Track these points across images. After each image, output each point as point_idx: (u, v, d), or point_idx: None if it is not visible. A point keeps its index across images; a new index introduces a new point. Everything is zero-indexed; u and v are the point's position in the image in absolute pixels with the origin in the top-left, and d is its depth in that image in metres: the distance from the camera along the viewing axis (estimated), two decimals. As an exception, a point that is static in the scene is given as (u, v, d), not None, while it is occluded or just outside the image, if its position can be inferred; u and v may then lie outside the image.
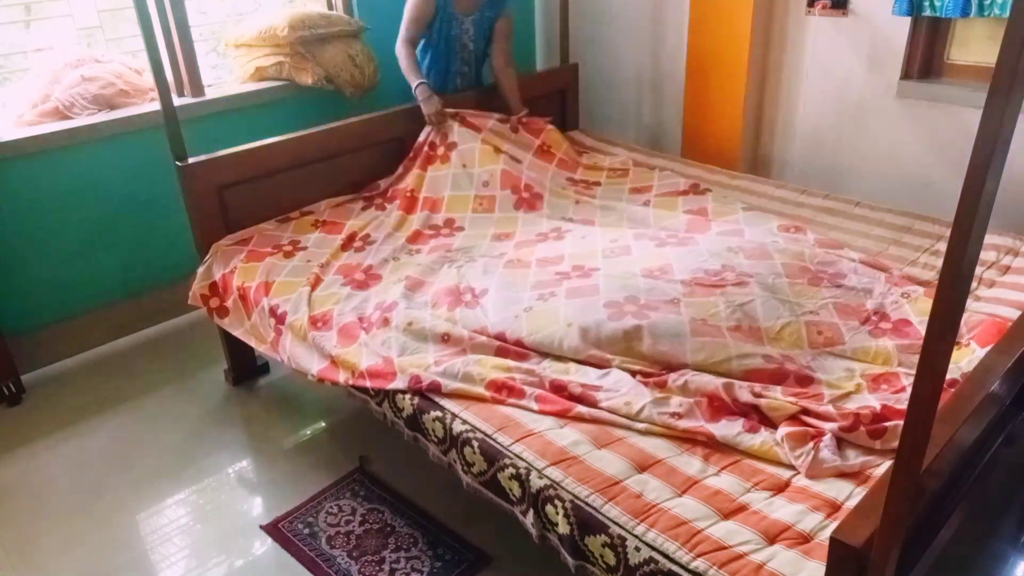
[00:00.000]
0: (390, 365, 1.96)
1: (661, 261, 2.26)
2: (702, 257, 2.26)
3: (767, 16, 3.28)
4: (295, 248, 2.55)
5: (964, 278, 0.88)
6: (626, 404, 1.74)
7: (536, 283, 2.22)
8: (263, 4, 3.54)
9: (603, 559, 1.48)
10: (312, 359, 2.12)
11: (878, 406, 1.67)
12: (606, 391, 1.79)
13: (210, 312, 2.52)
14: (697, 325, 1.95)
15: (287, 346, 2.20)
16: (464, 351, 1.98)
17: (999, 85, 0.78)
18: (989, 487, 1.69)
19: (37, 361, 2.93)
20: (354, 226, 2.70)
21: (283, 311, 2.25)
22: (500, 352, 1.97)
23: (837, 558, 1.12)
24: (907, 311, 2.05)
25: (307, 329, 2.16)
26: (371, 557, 2.03)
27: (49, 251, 2.87)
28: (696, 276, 2.15)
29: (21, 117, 2.84)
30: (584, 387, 1.80)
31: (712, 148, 3.45)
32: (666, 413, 1.70)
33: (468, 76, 3.29)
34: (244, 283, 2.40)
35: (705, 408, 1.72)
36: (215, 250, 2.55)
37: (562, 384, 1.82)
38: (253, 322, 2.37)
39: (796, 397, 1.73)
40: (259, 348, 2.37)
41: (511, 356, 1.96)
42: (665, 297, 2.06)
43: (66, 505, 2.29)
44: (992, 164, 0.81)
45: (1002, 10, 2.63)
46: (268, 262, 2.46)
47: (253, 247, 2.55)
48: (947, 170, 2.99)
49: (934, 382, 0.94)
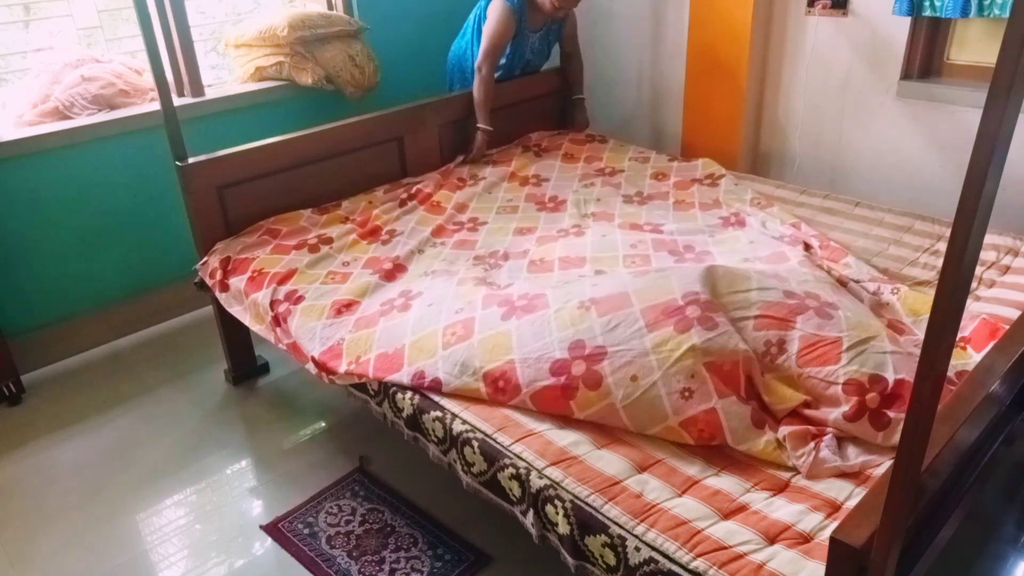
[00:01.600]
0: (399, 355, 1.95)
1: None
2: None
3: (767, 16, 3.28)
4: (320, 241, 2.56)
5: (964, 278, 0.88)
6: (632, 379, 1.68)
7: (558, 282, 2.17)
8: (263, 4, 3.54)
9: (603, 559, 1.48)
10: (315, 342, 2.10)
11: (891, 379, 1.62)
12: (610, 357, 1.73)
13: (211, 283, 2.49)
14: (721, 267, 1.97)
15: (292, 327, 2.18)
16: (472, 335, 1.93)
17: (999, 85, 0.78)
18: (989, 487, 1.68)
19: (37, 361, 2.93)
20: (379, 219, 2.72)
21: (300, 295, 2.26)
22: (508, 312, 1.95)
23: (837, 558, 1.12)
24: (898, 309, 2.07)
25: (329, 313, 2.16)
26: (371, 557, 2.03)
27: (49, 251, 2.87)
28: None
29: (21, 117, 2.84)
30: (587, 362, 1.73)
31: (712, 148, 3.45)
32: (676, 392, 1.65)
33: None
34: (263, 268, 2.39)
35: (718, 378, 1.66)
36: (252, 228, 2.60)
37: (565, 365, 1.74)
38: (253, 300, 2.33)
39: (814, 348, 1.69)
40: (254, 327, 2.35)
41: (523, 309, 1.94)
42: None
43: (66, 505, 2.29)
44: (992, 164, 0.81)
45: (1002, 10, 2.63)
46: (293, 255, 2.46)
47: (280, 240, 2.55)
48: (947, 170, 2.99)
49: (934, 382, 0.94)
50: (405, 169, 3.10)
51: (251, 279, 2.38)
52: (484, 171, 3.13)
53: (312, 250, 2.50)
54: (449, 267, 2.42)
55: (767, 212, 2.70)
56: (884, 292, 2.15)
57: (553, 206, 2.88)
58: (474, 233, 2.69)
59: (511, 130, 3.43)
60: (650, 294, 1.85)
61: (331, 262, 2.46)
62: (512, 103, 3.42)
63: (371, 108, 3.14)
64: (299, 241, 2.54)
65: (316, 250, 2.51)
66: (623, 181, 3.07)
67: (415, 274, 2.39)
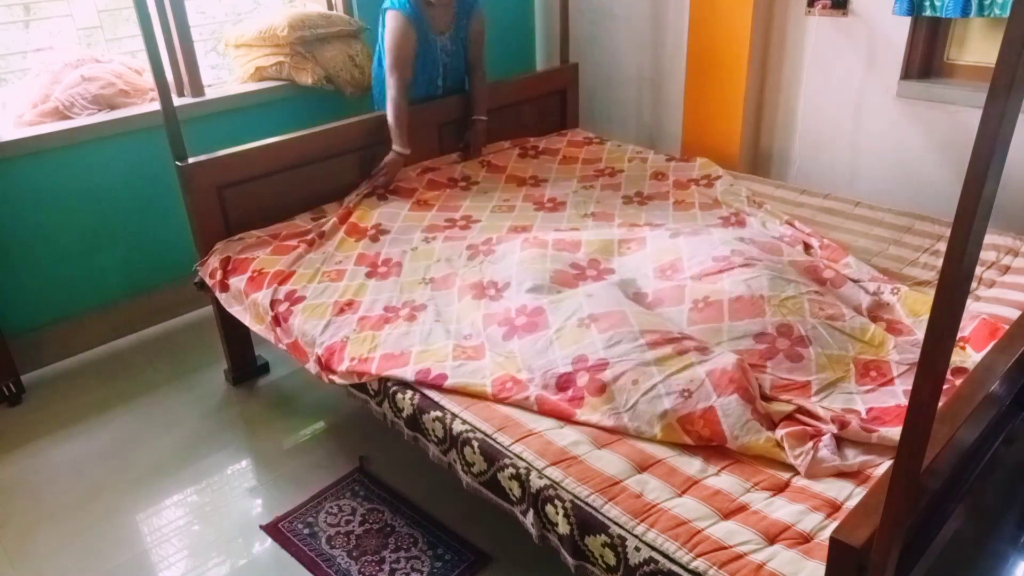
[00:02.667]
0: (406, 356, 1.97)
1: (672, 256, 2.25)
2: (712, 245, 2.25)
3: (767, 16, 3.28)
4: (317, 237, 2.57)
5: (964, 278, 0.88)
6: (633, 383, 1.71)
7: (554, 273, 2.21)
8: (263, 4, 3.54)
9: (603, 559, 1.48)
10: (317, 340, 2.10)
11: (863, 409, 1.70)
12: (612, 367, 1.77)
13: (211, 283, 2.49)
14: (697, 307, 1.98)
15: (294, 327, 2.18)
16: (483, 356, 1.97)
17: (999, 85, 0.78)
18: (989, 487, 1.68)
19: (37, 361, 2.93)
20: (366, 216, 2.72)
21: (300, 295, 2.26)
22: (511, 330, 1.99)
23: (837, 558, 1.12)
24: (898, 310, 2.07)
25: (331, 311, 2.17)
26: (371, 557, 2.03)
27: (49, 251, 2.87)
28: (704, 267, 2.15)
29: (21, 117, 2.84)
30: (591, 371, 1.78)
31: (712, 148, 3.45)
32: (675, 392, 1.67)
33: (451, 89, 3.20)
34: (263, 268, 2.40)
35: (717, 379, 1.69)
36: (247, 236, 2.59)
37: (570, 378, 1.80)
38: (253, 300, 2.33)
39: (786, 391, 1.74)
40: (254, 327, 2.35)
41: (523, 328, 1.97)
42: (673, 283, 2.12)
43: (66, 505, 2.29)
44: (992, 164, 0.81)
45: (1002, 10, 2.63)
46: (293, 255, 2.46)
47: (281, 242, 2.56)
48: (947, 170, 2.99)
49: (934, 382, 0.94)
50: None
51: (251, 279, 2.38)
52: (479, 173, 3.11)
53: (309, 248, 2.51)
54: (446, 269, 2.40)
55: (764, 211, 2.70)
56: (884, 292, 2.15)
57: (552, 207, 2.87)
58: (466, 231, 2.67)
59: (510, 131, 3.42)
60: (648, 322, 1.91)
61: (328, 261, 2.46)
62: (511, 103, 3.42)
63: (371, 108, 3.14)
64: (298, 241, 2.54)
65: (312, 248, 2.52)
66: (623, 181, 3.07)
67: (413, 279, 2.37)
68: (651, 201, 2.89)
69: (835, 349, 1.86)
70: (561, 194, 2.96)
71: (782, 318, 1.91)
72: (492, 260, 2.38)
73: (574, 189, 3.00)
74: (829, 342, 1.88)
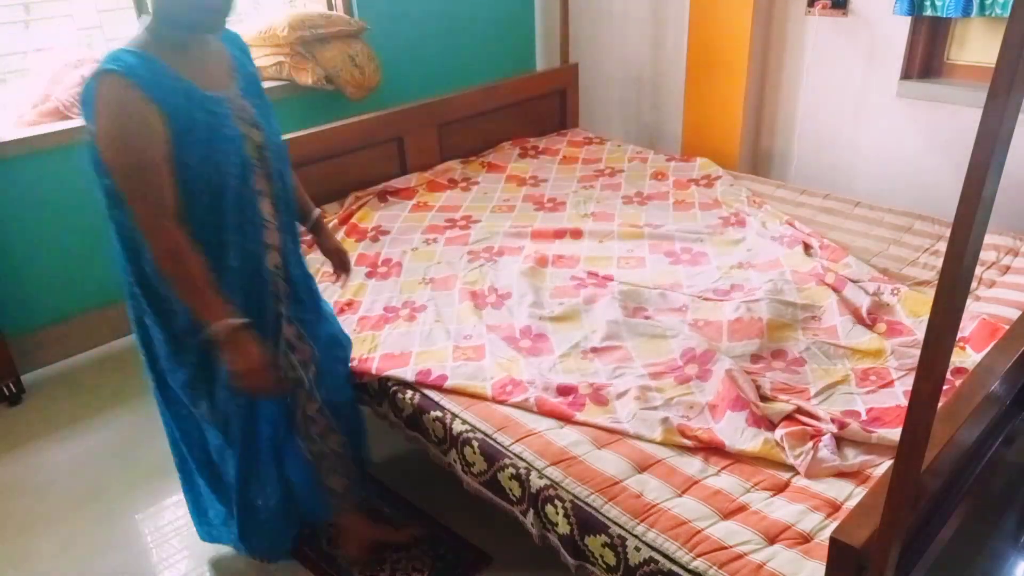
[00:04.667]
0: (406, 357, 1.98)
1: (671, 279, 2.30)
2: (711, 278, 2.30)
3: (767, 16, 3.28)
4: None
5: (964, 278, 0.88)
6: (636, 398, 1.75)
7: (554, 290, 2.27)
8: (263, 4, 3.54)
9: (603, 559, 1.48)
10: None
11: (863, 410, 1.70)
12: (615, 386, 1.80)
13: None
14: (697, 324, 2.03)
15: None
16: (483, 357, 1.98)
17: (999, 85, 0.78)
18: (989, 487, 1.69)
19: (37, 361, 2.92)
20: (367, 217, 2.72)
21: None
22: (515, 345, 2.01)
23: (837, 558, 1.12)
24: (898, 311, 2.07)
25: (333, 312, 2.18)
26: (371, 557, 2.02)
27: (49, 251, 2.87)
28: (705, 293, 2.21)
29: (21, 117, 2.84)
30: (594, 387, 1.82)
31: (712, 148, 3.45)
32: (675, 412, 1.72)
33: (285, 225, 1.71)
34: None
35: (715, 403, 1.73)
36: None
37: (571, 387, 1.82)
38: None
39: (785, 392, 1.75)
40: None
41: (528, 351, 1.98)
42: (674, 305, 2.15)
43: (65, 505, 2.29)
44: (992, 164, 0.81)
45: (1003, 10, 2.63)
46: None
47: None
48: (947, 170, 2.99)
49: (934, 382, 0.94)
50: (405, 169, 3.09)
51: None
52: (478, 175, 3.10)
53: (308, 249, 2.51)
54: (446, 271, 2.41)
55: (764, 211, 2.70)
56: (884, 293, 2.15)
57: (552, 206, 2.87)
58: (466, 231, 2.67)
59: (510, 131, 3.42)
60: (648, 351, 1.94)
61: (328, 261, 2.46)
62: (511, 103, 3.42)
63: (371, 108, 3.14)
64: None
65: (312, 248, 2.51)
66: (623, 181, 3.07)
67: (413, 279, 2.38)
68: (651, 201, 2.89)
69: (831, 366, 1.89)
70: (561, 194, 2.96)
71: (778, 344, 1.95)
72: (493, 267, 2.41)
73: (574, 189, 3.01)
74: (824, 359, 1.91)
